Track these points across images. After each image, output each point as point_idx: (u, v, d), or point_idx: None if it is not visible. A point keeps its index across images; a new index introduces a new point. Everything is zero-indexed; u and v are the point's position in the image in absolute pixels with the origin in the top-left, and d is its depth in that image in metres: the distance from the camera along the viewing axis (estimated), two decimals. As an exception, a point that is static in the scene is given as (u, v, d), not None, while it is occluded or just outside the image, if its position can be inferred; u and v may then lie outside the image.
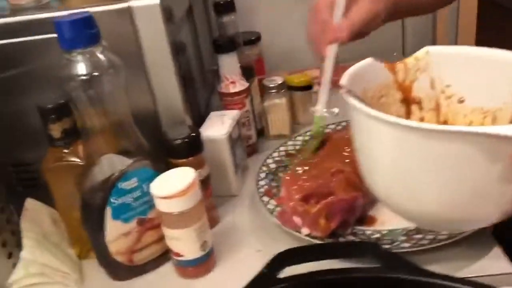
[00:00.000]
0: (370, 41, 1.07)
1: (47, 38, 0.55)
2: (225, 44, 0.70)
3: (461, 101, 0.53)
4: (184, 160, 0.58)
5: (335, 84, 0.95)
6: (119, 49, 0.50)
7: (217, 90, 0.76)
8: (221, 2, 0.75)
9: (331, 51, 0.54)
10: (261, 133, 0.82)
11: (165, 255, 0.57)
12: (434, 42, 1.17)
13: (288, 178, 0.55)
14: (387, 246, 0.50)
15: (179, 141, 0.57)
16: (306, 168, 0.57)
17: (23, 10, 0.57)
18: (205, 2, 0.92)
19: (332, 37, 0.52)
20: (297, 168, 0.58)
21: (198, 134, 0.59)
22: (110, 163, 0.53)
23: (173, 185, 0.51)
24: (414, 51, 1.15)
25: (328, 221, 0.51)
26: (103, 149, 0.52)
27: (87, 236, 0.59)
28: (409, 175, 0.43)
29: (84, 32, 0.46)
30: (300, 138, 0.75)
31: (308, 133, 0.76)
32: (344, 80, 0.48)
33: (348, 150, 0.59)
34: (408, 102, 0.56)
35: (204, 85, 0.83)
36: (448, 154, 0.40)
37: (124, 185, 0.52)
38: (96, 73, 0.48)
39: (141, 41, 0.57)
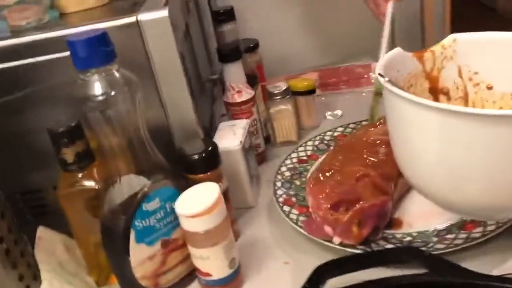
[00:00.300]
0: (360, 41, 1.08)
1: (54, 58, 0.52)
2: (230, 52, 0.69)
3: (489, 88, 0.53)
4: (203, 175, 0.56)
5: (336, 87, 0.96)
6: (127, 64, 0.48)
7: (222, 100, 0.74)
8: (221, 11, 0.73)
9: (390, 8, 0.59)
10: (267, 140, 0.80)
11: (191, 275, 0.55)
12: (423, 40, 1.18)
13: (314, 186, 0.54)
14: (413, 246, 0.49)
15: (197, 156, 0.55)
16: (328, 174, 0.56)
17: (25, 31, 0.54)
18: (198, 11, 0.90)
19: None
20: (319, 175, 0.56)
21: (216, 147, 0.57)
22: (128, 184, 0.51)
23: (198, 202, 0.49)
24: (403, 48, 1.15)
25: (360, 228, 0.49)
26: (121, 169, 0.50)
27: (107, 262, 0.56)
28: (457, 164, 0.42)
29: (99, 50, 0.44)
30: (310, 143, 0.74)
31: (317, 138, 0.75)
32: (380, 69, 0.47)
33: (367, 152, 0.58)
34: (436, 92, 0.56)
35: (204, 96, 0.81)
36: (498, 139, 0.39)
37: (148, 206, 0.50)
38: (113, 93, 0.46)
39: (151, 54, 0.55)
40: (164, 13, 0.53)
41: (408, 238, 0.52)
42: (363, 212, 0.50)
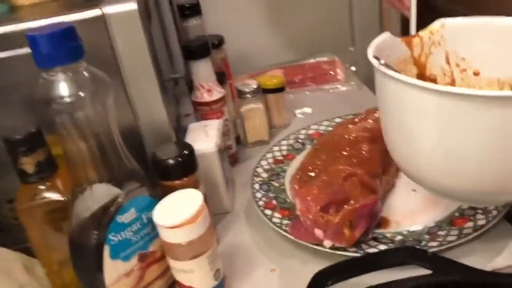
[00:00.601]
0: (320, 37, 1.07)
1: (9, 56, 0.46)
2: (198, 49, 0.65)
3: (476, 74, 0.52)
4: (179, 181, 0.52)
5: (302, 84, 0.93)
6: (91, 62, 0.43)
7: (185, 101, 0.70)
8: (187, 5, 0.69)
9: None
10: (237, 141, 0.77)
11: (171, 290, 0.51)
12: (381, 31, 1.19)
13: (300, 188, 0.51)
14: (416, 247, 0.47)
15: (172, 161, 0.51)
16: (312, 174, 0.54)
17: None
18: (158, 7, 0.85)
19: None
20: (303, 176, 0.54)
21: (192, 151, 0.53)
22: (99, 194, 0.45)
23: (179, 211, 0.45)
24: (363, 42, 1.15)
25: (352, 230, 0.47)
26: (90, 178, 0.45)
27: (73, 282, 0.51)
28: (456, 148, 0.40)
29: (66, 45, 0.39)
30: (284, 142, 0.71)
31: (291, 136, 0.72)
32: (372, 51, 0.45)
33: (350, 150, 0.56)
34: (424, 78, 0.55)
35: (167, 96, 0.76)
36: (499, 121, 0.37)
37: (123, 218, 0.45)
38: (82, 93, 0.41)
39: (118, 51, 0.50)
40: (132, 5, 0.49)
41: (399, 237, 0.50)
42: (355, 212, 0.47)
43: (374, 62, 0.43)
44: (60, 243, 0.49)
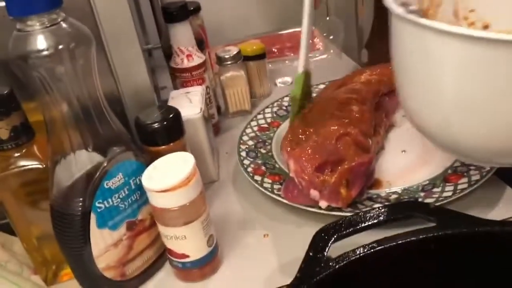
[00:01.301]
0: (296, 7, 1.04)
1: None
2: (178, 11, 0.61)
3: (485, 27, 0.49)
4: (165, 146, 0.49)
5: (281, 53, 0.91)
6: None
7: (161, 72, 0.67)
8: (162, -34, 0.65)
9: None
10: (218, 111, 0.74)
11: (160, 259, 0.48)
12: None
13: (292, 149, 0.49)
14: (426, 202, 0.47)
15: (157, 125, 0.48)
16: (303, 136, 0.52)
17: None
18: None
19: None
20: (295, 138, 0.52)
21: (179, 114, 0.50)
22: (82, 161, 0.42)
23: (170, 175, 0.43)
24: (339, 11, 1.12)
25: (349, 189, 0.46)
26: (73, 144, 0.42)
27: (55, 257, 0.48)
28: (481, 101, 0.36)
29: (42, -9, 0.35)
30: (268, 110, 0.69)
31: (275, 104, 0.70)
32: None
33: (340, 111, 0.55)
34: None
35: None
36: None
37: (110, 184, 0.42)
38: (61, 46, 0.37)
39: (96, 9, 0.46)
40: (109, -44, 0.45)
41: (394, 196, 0.49)
42: (352, 171, 0.46)
43: (399, 10, 0.39)
44: (39, 217, 0.47)
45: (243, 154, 0.60)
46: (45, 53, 0.37)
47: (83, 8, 0.47)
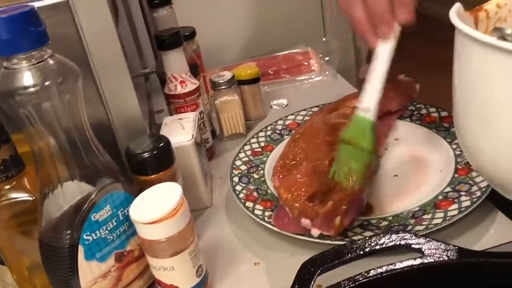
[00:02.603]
0: (293, 28, 1.05)
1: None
2: (171, 39, 0.62)
3: None
4: (156, 175, 0.49)
5: (277, 76, 0.92)
6: (57, 53, 0.41)
7: (157, 97, 0.68)
8: (156, -6, 0.67)
9: (385, 47, 0.46)
10: (213, 135, 0.75)
11: (151, 290, 0.48)
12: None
13: (284, 177, 0.50)
14: (413, 233, 0.46)
15: (148, 154, 0.49)
16: (294, 163, 0.52)
17: None
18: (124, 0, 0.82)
19: (388, 30, 0.44)
20: (285, 165, 0.52)
21: (168, 143, 0.50)
22: (71, 193, 0.43)
23: (157, 206, 0.43)
24: (335, 33, 1.11)
25: (342, 219, 0.46)
26: (61, 176, 0.42)
27: (50, 286, 0.48)
28: None
29: (28, 30, 0.36)
30: (262, 134, 0.69)
31: (269, 128, 0.70)
32: (456, 17, 0.37)
33: (331, 137, 0.55)
34: None
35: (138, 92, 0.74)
36: None
37: (98, 216, 0.42)
38: (47, 83, 0.38)
39: (85, 40, 0.47)
40: (98, -10, 0.46)
41: (385, 223, 0.49)
42: (346, 201, 0.46)
43: (471, 30, 0.34)
44: (29, 247, 0.47)
45: (236, 179, 0.60)
46: (31, 89, 0.37)
47: (73, 39, 0.47)
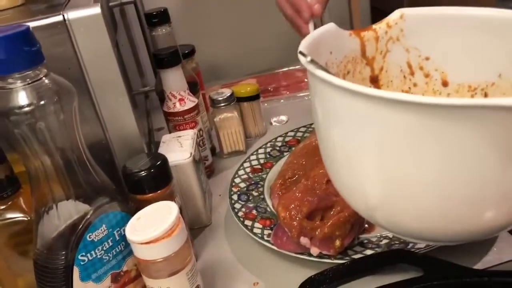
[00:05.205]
0: (292, 45, 1.05)
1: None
2: (169, 57, 0.62)
3: (444, 81, 0.45)
4: (153, 194, 0.49)
5: (277, 92, 0.92)
6: (54, 73, 0.40)
7: (157, 114, 0.67)
8: (154, 13, 0.67)
9: (311, 28, 0.54)
10: (212, 152, 0.74)
11: (148, 311, 0.47)
12: (351, 27, 1.18)
13: (282, 195, 0.49)
14: (405, 249, 0.45)
15: (145, 173, 0.48)
16: (293, 180, 0.52)
17: None
18: (124, 19, 0.83)
19: (308, 14, 0.54)
20: (284, 182, 0.51)
21: (166, 161, 0.50)
22: (66, 212, 0.42)
23: (154, 225, 0.42)
24: None
25: (341, 239, 0.45)
26: (56, 195, 0.42)
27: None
28: (399, 176, 0.31)
29: (23, 50, 0.36)
30: (261, 151, 0.69)
31: (268, 144, 0.70)
32: (304, 47, 0.36)
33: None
34: (377, 83, 0.46)
35: (137, 110, 0.74)
36: (456, 138, 0.28)
37: (93, 236, 0.42)
38: (42, 102, 0.38)
39: (82, 59, 0.47)
40: (95, 10, 0.46)
41: (385, 241, 0.48)
42: (344, 221, 0.45)
43: (301, 58, 0.34)
44: (25, 268, 0.46)
45: (235, 197, 0.59)
46: (26, 109, 0.37)
47: (70, 58, 0.47)
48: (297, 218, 0.45)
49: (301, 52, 0.35)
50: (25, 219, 0.44)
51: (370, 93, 0.29)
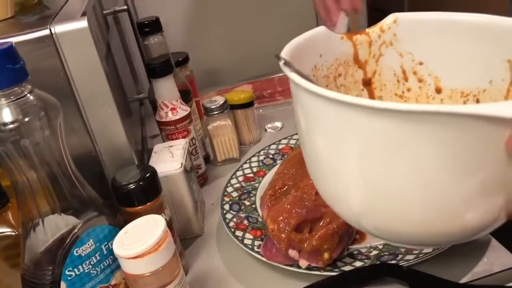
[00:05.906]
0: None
1: None
2: (161, 66, 0.62)
3: (437, 86, 0.45)
4: (142, 206, 0.49)
5: (272, 98, 0.92)
6: (42, 86, 0.40)
7: (151, 121, 0.67)
8: (146, 22, 0.67)
9: (342, 21, 0.51)
10: (206, 160, 0.74)
11: (138, 324, 0.47)
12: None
13: (271, 206, 0.49)
14: (391, 263, 0.45)
15: (133, 186, 0.48)
16: (283, 191, 0.51)
17: None
18: (119, 27, 0.83)
19: (348, 5, 0.51)
20: (274, 194, 0.51)
21: (155, 173, 0.50)
22: (53, 227, 0.42)
23: (141, 240, 0.42)
24: None
25: (330, 251, 0.45)
26: (42, 210, 0.42)
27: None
28: (379, 181, 0.31)
29: (5, 67, 0.36)
30: (254, 159, 0.69)
31: (261, 152, 0.70)
32: (286, 51, 0.37)
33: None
34: (370, 86, 0.47)
35: (131, 117, 0.74)
36: (434, 146, 0.28)
37: (80, 251, 0.42)
38: (27, 119, 0.38)
39: (70, 72, 0.47)
40: (82, 23, 0.46)
41: (375, 252, 0.48)
42: (333, 234, 0.45)
43: (281, 62, 0.35)
44: (18, 281, 0.46)
45: (226, 207, 0.59)
46: (11, 126, 0.37)
47: (58, 72, 0.47)
48: (286, 231, 0.45)
49: (277, 56, 0.36)
50: (13, 234, 0.44)
51: (338, 98, 0.30)
